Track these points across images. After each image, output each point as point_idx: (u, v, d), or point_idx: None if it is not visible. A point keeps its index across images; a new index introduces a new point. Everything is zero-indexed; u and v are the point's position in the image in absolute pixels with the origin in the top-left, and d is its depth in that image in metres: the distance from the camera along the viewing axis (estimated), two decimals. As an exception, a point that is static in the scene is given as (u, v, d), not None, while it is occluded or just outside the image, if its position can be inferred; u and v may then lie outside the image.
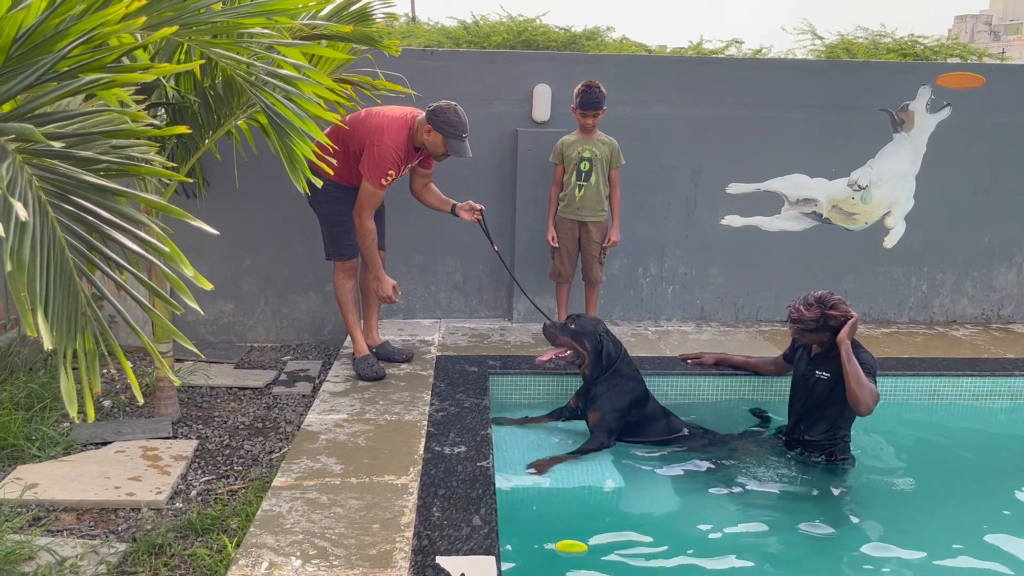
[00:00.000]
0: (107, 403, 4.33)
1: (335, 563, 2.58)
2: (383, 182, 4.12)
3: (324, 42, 4.23)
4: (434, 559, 2.60)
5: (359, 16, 3.99)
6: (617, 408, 3.92)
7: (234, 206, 5.20)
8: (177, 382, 2.06)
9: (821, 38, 8.26)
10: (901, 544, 3.24)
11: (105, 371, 4.84)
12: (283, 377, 4.87)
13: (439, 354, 4.78)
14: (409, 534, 2.77)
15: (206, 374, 4.77)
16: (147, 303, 2.18)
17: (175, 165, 3.52)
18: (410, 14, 12.16)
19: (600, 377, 3.97)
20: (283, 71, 2.60)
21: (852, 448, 3.91)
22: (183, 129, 2.24)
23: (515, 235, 5.43)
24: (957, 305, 5.90)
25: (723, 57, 6.30)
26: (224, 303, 5.44)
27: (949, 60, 7.77)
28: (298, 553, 2.63)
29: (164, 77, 3.77)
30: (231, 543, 2.90)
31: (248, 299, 5.44)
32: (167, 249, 2.07)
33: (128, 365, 2.07)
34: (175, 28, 2.17)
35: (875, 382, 3.68)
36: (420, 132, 4.16)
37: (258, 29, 2.50)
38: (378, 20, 4.07)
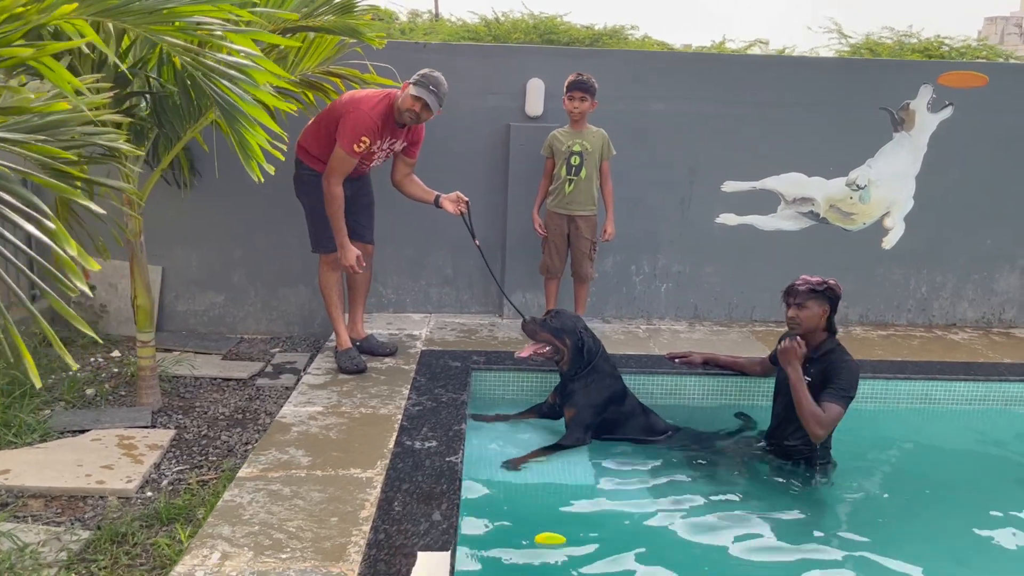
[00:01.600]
0: (90, 391, 4.35)
1: (287, 555, 2.57)
2: (355, 148, 4.06)
3: (312, 34, 4.24)
4: (387, 553, 2.58)
5: (342, 8, 3.96)
6: (593, 404, 3.88)
7: (225, 197, 5.21)
8: (74, 366, 2.03)
9: (847, 37, 8.14)
10: (872, 547, 3.18)
11: (92, 360, 4.88)
12: (269, 369, 4.87)
13: (424, 348, 4.76)
14: (367, 528, 2.75)
15: (191, 364, 4.78)
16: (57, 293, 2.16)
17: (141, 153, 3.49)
18: (433, 11, 12.14)
19: (578, 374, 3.94)
20: (232, 59, 2.58)
21: (834, 451, 3.84)
22: (63, 106, 2.21)
23: (507, 230, 5.40)
24: (957, 308, 5.80)
25: (720, 54, 6.22)
26: (215, 294, 5.45)
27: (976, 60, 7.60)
28: (252, 544, 2.62)
29: (145, 67, 3.78)
30: (184, 533, 2.90)
31: (238, 291, 5.45)
32: (52, 227, 2.03)
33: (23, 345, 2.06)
34: (74, 6, 2.14)
35: (845, 401, 3.58)
36: (400, 95, 4.13)
37: (206, 18, 2.48)
38: (362, 12, 4.04)
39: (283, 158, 3.15)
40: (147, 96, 3.77)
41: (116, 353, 5.00)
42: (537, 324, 4.02)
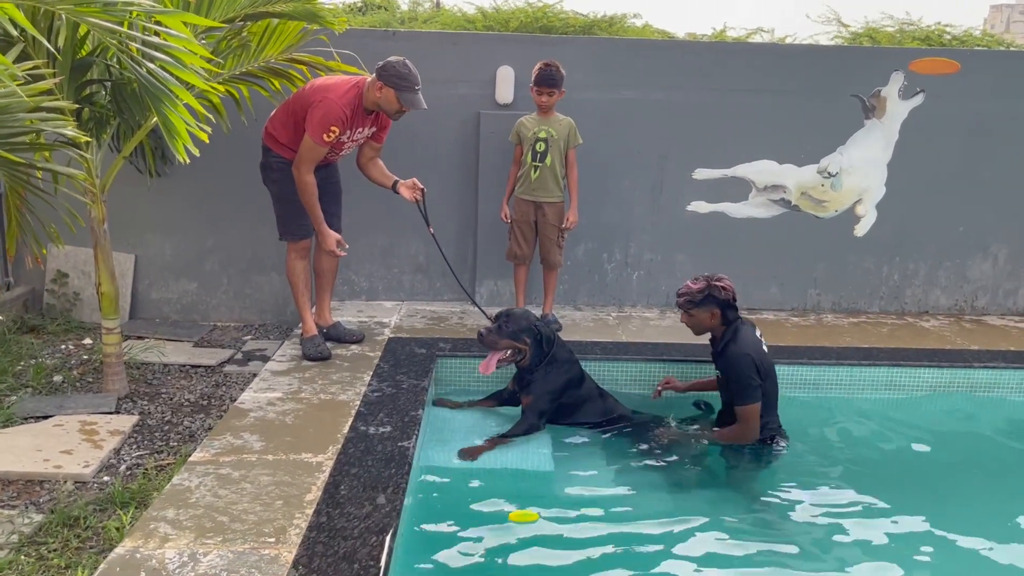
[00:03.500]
0: (58, 378, 4.38)
1: (228, 538, 2.60)
2: (325, 137, 4.06)
3: (274, 20, 4.25)
4: (327, 535, 2.61)
5: (303, -7, 3.97)
6: (550, 391, 3.91)
7: (198, 185, 5.23)
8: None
9: (847, 26, 8.12)
10: (829, 531, 3.23)
11: (63, 347, 4.91)
12: (239, 356, 4.90)
13: (392, 336, 4.79)
14: (310, 511, 2.78)
15: (161, 352, 4.81)
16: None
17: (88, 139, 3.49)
18: (435, 0, 12.07)
19: (539, 366, 3.96)
20: (158, 40, 2.59)
21: (796, 436, 3.88)
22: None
23: (478, 218, 5.42)
24: (930, 295, 5.81)
25: (692, 41, 6.21)
26: (188, 282, 5.48)
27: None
28: (194, 527, 2.65)
29: (104, 55, 3.79)
30: (126, 517, 2.93)
31: (211, 278, 5.48)
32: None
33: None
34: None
35: (750, 393, 3.67)
36: (371, 92, 4.12)
37: None
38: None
39: (207, 139, 3.16)
40: (106, 84, 3.78)
41: (87, 340, 5.03)
42: (495, 333, 3.97)
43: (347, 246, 4.39)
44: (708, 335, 3.96)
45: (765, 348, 3.85)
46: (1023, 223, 5.72)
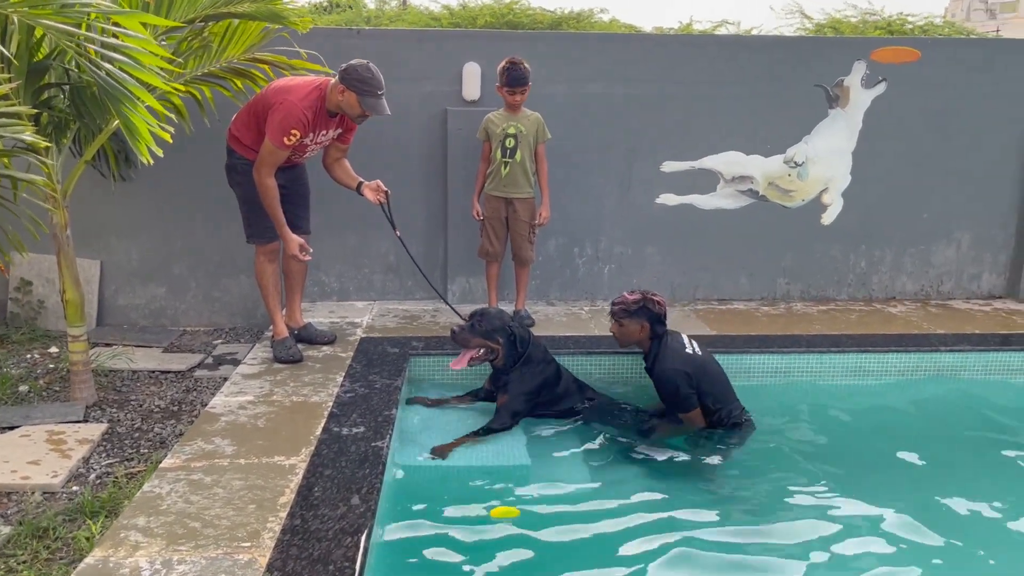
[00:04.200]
0: (23, 388, 4.31)
1: (200, 544, 2.57)
2: (285, 140, 4.00)
3: (236, 20, 4.20)
4: (301, 538, 2.59)
5: (263, -7, 3.94)
6: (525, 392, 3.92)
7: (163, 188, 5.17)
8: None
9: (810, 18, 8.21)
10: (800, 518, 3.28)
11: (28, 356, 4.83)
12: (209, 360, 4.85)
13: (364, 336, 4.77)
14: (284, 514, 2.76)
15: (130, 358, 4.75)
16: None
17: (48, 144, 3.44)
18: None
19: (514, 366, 3.96)
20: (116, 41, 2.56)
21: (764, 424, 3.93)
22: None
23: (447, 215, 5.41)
24: (896, 282, 5.89)
25: (657, 34, 6.25)
26: (156, 287, 5.41)
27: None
28: (165, 534, 2.62)
29: (62, 59, 3.73)
30: (95, 526, 2.89)
31: (179, 283, 5.42)
32: None
33: None
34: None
35: (684, 405, 3.83)
36: (334, 94, 4.07)
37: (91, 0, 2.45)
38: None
39: (170, 139, 3.12)
40: (64, 88, 3.72)
41: (54, 349, 4.95)
42: (467, 331, 3.97)
43: (311, 250, 4.34)
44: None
45: (697, 350, 3.96)
46: (985, 209, 5.82)
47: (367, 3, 8.10)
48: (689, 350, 3.95)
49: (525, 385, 3.95)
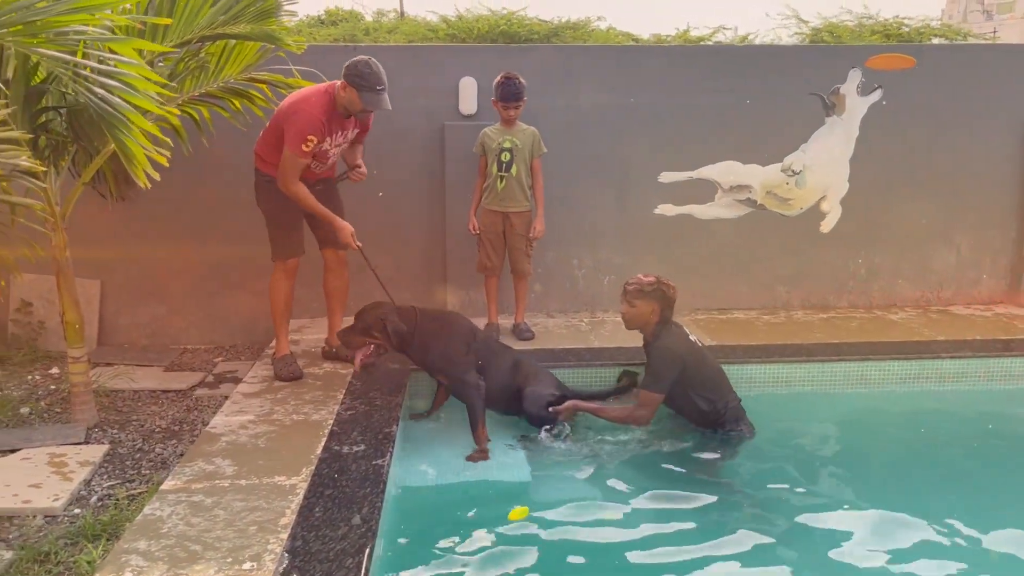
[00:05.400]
0: (24, 410, 4.31)
1: (201, 566, 2.57)
2: (303, 147, 4.03)
3: (232, 41, 4.22)
4: (302, 560, 2.59)
5: (260, 14, 3.95)
6: (449, 349, 3.98)
7: (162, 208, 5.17)
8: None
9: (806, 22, 8.24)
10: (807, 526, 3.30)
11: (29, 377, 4.83)
12: (210, 379, 4.85)
13: (364, 351, 4.76)
14: (285, 535, 2.75)
15: (131, 378, 4.75)
16: None
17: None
18: (399, 9, 12.03)
19: (411, 345, 3.98)
20: (110, 67, 2.57)
21: (766, 434, 3.93)
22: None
23: (446, 231, 5.41)
24: (896, 288, 5.89)
25: (651, 45, 6.26)
26: (156, 306, 5.42)
27: (934, 41, 7.73)
28: (166, 557, 2.62)
29: (60, 82, 3.74)
30: (96, 551, 2.89)
31: (180, 301, 5.42)
32: None
33: None
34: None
35: (655, 384, 3.90)
36: (340, 93, 4.11)
37: (82, 26, 2.47)
38: (281, 18, 4.04)
39: (167, 163, 3.13)
40: (61, 111, 3.73)
41: (55, 370, 4.96)
42: (349, 332, 4.00)
43: (360, 243, 4.32)
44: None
45: (697, 342, 4.13)
46: (983, 213, 5.82)
47: (365, 15, 8.13)
48: (689, 337, 4.09)
49: (446, 346, 3.97)
